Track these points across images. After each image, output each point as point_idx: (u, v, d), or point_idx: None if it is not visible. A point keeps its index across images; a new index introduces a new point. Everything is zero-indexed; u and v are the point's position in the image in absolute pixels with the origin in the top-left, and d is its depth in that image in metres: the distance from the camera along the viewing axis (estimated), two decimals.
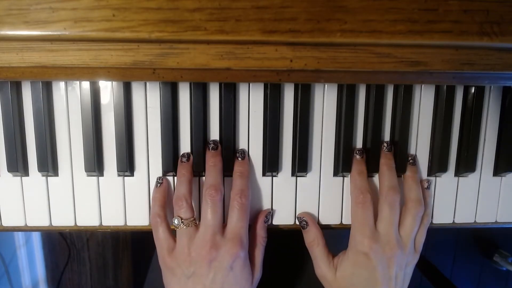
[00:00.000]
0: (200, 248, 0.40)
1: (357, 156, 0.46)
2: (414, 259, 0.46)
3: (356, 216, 0.44)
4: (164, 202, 0.44)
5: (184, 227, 0.41)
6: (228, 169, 0.45)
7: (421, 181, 0.48)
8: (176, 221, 0.42)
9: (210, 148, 0.44)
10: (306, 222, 0.46)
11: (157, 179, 0.46)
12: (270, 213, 0.47)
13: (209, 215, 0.41)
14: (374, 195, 0.46)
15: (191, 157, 0.45)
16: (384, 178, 0.45)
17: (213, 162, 0.44)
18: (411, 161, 0.47)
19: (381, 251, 0.43)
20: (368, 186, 0.45)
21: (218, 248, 0.40)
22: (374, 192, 0.46)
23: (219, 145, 0.45)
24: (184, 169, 0.44)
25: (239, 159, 0.45)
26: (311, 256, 0.47)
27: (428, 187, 0.48)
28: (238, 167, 0.45)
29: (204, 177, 0.46)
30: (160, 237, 0.43)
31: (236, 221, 0.42)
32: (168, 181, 0.46)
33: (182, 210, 0.42)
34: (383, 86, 0.46)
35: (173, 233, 0.43)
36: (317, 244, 0.46)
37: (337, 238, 0.52)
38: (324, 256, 0.46)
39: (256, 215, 0.47)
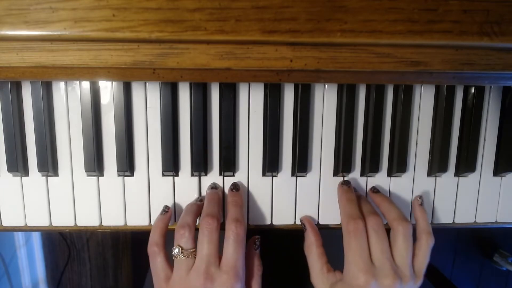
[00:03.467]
0: (195, 280, 0.39)
1: (345, 187, 0.46)
2: (415, 286, 0.42)
3: (349, 246, 0.41)
4: (165, 231, 0.43)
5: (183, 257, 0.40)
6: (228, 170, 0.46)
7: (414, 199, 0.47)
8: (176, 251, 0.40)
9: (210, 187, 0.46)
10: (304, 226, 0.46)
11: (164, 207, 0.45)
12: (259, 238, 0.46)
13: (205, 244, 0.40)
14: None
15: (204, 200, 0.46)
16: (364, 206, 0.44)
17: (211, 196, 0.44)
18: (375, 190, 0.47)
19: (379, 285, 0.39)
20: (359, 213, 0.42)
21: (213, 281, 0.38)
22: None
23: (219, 186, 0.46)
24: (195, 205, 0.44)
25: (233, 191, 0.45)
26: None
27: (422, 203, 0.46)
28: (232, 197, 0.44)
29: (203, 178, 0.46)
30: (158, 266, 0.42)
31: (232, 252, 0.40)
32: (172, 211, 0.46)
33: (183, 240, 0.40)
34: (383, 86, 0.46)
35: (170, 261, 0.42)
36: (310, 251, 0.45)
37: (336, 238, 0.51)
38: (316, 266, 0.44)
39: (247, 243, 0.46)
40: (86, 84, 0.43)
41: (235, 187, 0.46)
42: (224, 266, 0.39)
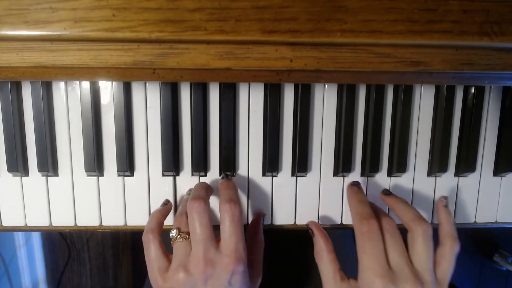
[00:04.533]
0: (195, 267, 0.37)
1: (354, 188, 0.45)
2: None
3: (364, 249, 0.38)
4: (162, 221, 0.42)
5: (181, 240, 0.39)
6: (228, 170, 0.46)
7: (439, 200, 0.43)
8: (174, 231, 0.39)
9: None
10: (312, 231, 0.44)
11: (165, 200, 0.46)
12: (265, 215, 0.46)
13: (197, 228, 0.37)
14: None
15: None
16: (374, 209, 0.42)
17: (198, 184, 0.43)
18: (387, 192, 0.45)
19: None
20: (372, 213, 0.39)
21: (213, 265, 0.37)
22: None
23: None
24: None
25: (224, 179, 0.44)
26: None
27: (447, 205, 0.42)
28: (224, 183, 0.43)
29: (203, 178, 0.47)
30: (152, 255, 0.40)
31: (230, 234, 0.38)
32: (172, 206, 0.46)
33: (182, 223, 0.40)
34: (383, 86, 0.46)
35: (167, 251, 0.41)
36: (321, 258, 0.42)
37: (337, 238, 0.51)
38: (328, 274, 0.41)
39: (254, 216, 0.47)
40: (86, 84, 0.43)
41: (226, 175, 0.45)
42: (224, 249, 0.38)
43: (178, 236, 0.39)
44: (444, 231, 0.41)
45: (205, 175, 0.47)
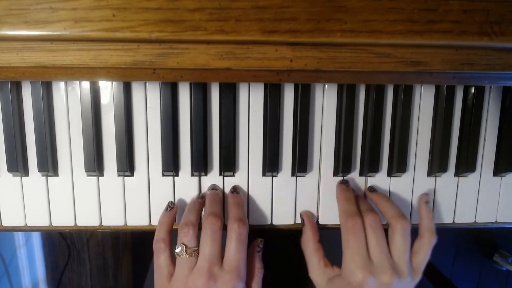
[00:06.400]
0: (198, 280, 0.39)
1: (343, 186, 0.46)
2: (413, 282, 0.43)
3: (347, 243, 0.42)
4: (171, 228, 0.43)
5: (187, 256, 0.40)
6: (228, 170, 0.46)
7: (421, 196, 0.47)
8: (179, 249, 0.40)
9: (210, 188, 0.46)
10: (303, 220, 0.47)
11: (168, 203, 0.45)
12: (262, 241, 0.46)
13: (208, 244, 0.40)
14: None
15: (205, 197, 0.46)
16: (362, 204, 0.45)
17: (213, 196, 0.44)
18: (372, 189, 0.47)
19: (377, 282, 0.40)
20: (357, 210, 0.43)
21: (215, 280, 0.39)
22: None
23: (219, 188, 0.47)
24: (197, 203, 0.44)
25: (234, 193, 0.46)
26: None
27: (428, 201, 0.46)
28: (233, 199, 0.45)
29: (203, 178, 0.46)
30: (161, 263, 0.41)
31: (234, 252, 0.40)
32: (177, 209, 0.45)
33: (187, 238, 0.40)
34: (383, 86, 0.46)
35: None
36: (307, 246, 0.45)
37: (336, 238, 0.51)
38: (313, 260, 0.44)
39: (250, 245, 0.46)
40: (86, 84, 0.43)
41: (235, 189, 0.46)
42: (227, 266, 0.40)
43: (184, 253, 0.40)
44: (423, 224, 0.45)
45: (205, 175, 0.47)
